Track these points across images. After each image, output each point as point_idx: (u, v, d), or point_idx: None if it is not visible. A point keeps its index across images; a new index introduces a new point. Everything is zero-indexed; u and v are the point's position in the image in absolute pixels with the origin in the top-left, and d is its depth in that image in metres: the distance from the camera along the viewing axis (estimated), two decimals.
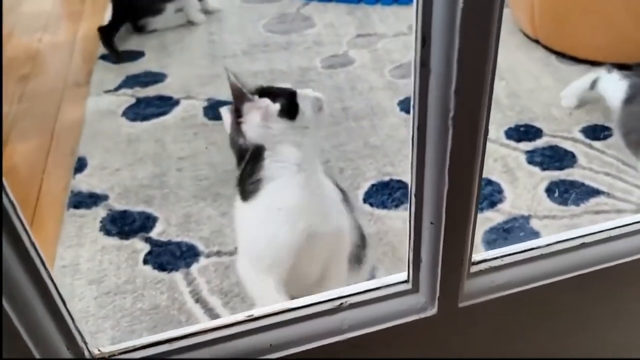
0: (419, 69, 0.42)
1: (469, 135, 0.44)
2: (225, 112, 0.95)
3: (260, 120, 0.85)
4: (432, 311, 0.57)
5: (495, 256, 0.59)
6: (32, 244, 0.44)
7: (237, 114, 0.87)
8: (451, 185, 0.47)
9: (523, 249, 0.60)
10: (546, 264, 0.60)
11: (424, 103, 0.43)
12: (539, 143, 1.48)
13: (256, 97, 0.86)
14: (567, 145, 1.46)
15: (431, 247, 0.53)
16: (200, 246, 1.21)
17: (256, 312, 0.55)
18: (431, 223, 0.51)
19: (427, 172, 0.48)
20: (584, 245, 0.60)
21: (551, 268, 0.59)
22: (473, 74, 0.41)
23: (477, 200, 0.51)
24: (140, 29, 2.01)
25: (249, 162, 0.88)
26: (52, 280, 0.47)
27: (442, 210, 0.49)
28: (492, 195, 1.32)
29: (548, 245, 0.60)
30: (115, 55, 1.88)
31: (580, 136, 1.49)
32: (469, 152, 0.45)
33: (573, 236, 0.61)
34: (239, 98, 0.87)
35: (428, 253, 0.54)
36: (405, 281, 0.58)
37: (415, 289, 0.58)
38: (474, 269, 0.58)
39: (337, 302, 0.56)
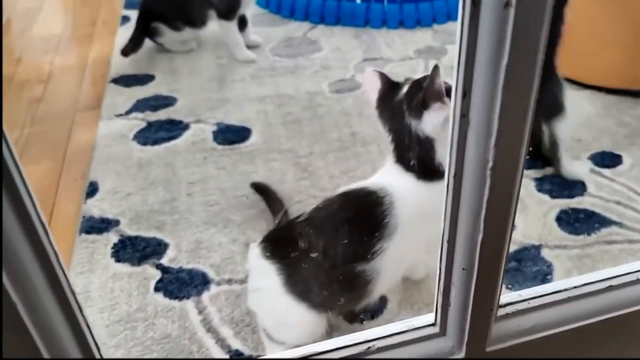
0: (458, 119, 0.42)
1: (506, 186, 0.44)
2: (373, 75, 0.99)
3: (442, 120, 0.90)
4: (460, 355, 0.57)
5: (521, 299, 0.59)
6: (48, 237, 0.43)
7: (423, 104, 0.90)
8: (486, 234, 0.47)
9: (549, 292, 0.60)
10: (573, 307, 0.59)
11: (461, 152, 0.44)
12: (548, 170, 1.48)
13: (448, 101, 0.91)
14: None
15: (461, 293, 0.53)
16: (211, 274, 1.21)
17: (281, 356, 0.55)
18: (463, 269, 0.51)
19: (461, 220, 0.48)
20: (611, 288, 0.60)
21: (578, 311, 0.59)
22: (513, 128, 0.41)
23: (509, 246, 0.51)
24: (151, 33, 2.01)
25: (420, 145, 0.93)
26: (65, 275, 0.46)
27: (475, 257, 0.49)
28: None
29: (575, 287, 0.60)
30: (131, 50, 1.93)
31: (589, 163, 1.49)
32: (506, 201, 0.46)
33: (599, 278, 0.61)
34: (436, 95, 0.90)
35: (458, 298, 0.53)
36: (433, 324, 0.57)
37: (442, 333, 0.57)
38: (500, 312, 0.58)
39: (365, 346, 0.56)
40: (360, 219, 0.94)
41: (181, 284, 1.19)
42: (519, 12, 0.35)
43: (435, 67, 0.89)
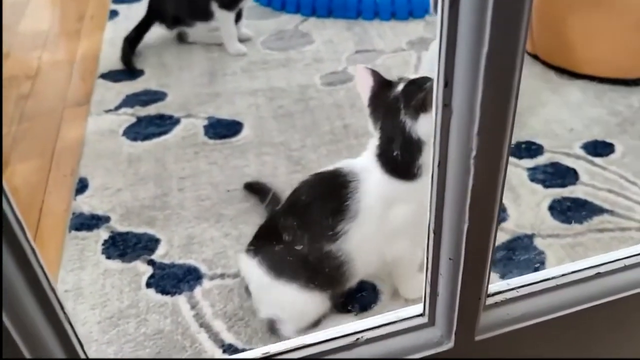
0: (440, 109, 0.42)
1: (490, 174, 0.44)
2: (365, 72, 0.96)
3: None
4: (449, 345, 0.57)
5: (510, 287, 0.59)
6: (26, 238, 0.43)
7: (423, 107, 0.87)
8: (471, 223, 0.47)
9: (538, 280, 0.60)
10: (561, 295, 0.59)
11: (445, 142, 0.43)
12: (541, 160, 1.48)
13: None
14: (569, 162, 1.46)
15: (449, 282, 0.52)
16: (203, 268, 1.20)
17: (272, 349, 0.55)
18: (450, 259, 0.50)
19: (447, 209, 0.47)
20: (598, 275, 0.60)
21: (567, 299, 0.59)
22: (495, 116, 0.41)
23: (495, 235, 0.50)
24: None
25: (408, 145, 0.91)
26: (45, 274, 0.45)
27: (462, 247, 0.48)
28: None
29: (563, 275, 0.60)
30: (131, 70, 1.89)
31: (582, 152, 1.49)
32: (490, 190, 0.45)
33: (587, 266, 0.61)
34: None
35: (445, 288, 0.53)
36: (421, 315, 0.57)
37: (431, 323, 0.57)
38: (489, 301, 0.58)
39: (354, 337, 0.55)
40: (325, 198, 0.97)
41: (173, 280, 1.18)
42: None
43: None
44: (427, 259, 0.52)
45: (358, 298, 1.12)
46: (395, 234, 0.98)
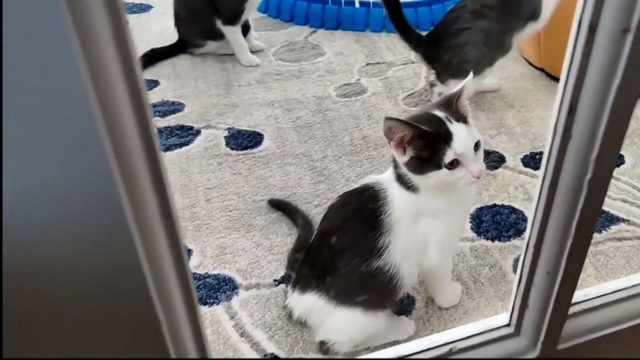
0: (560, 133, 0.45)
1: (599, 195, 0.48)
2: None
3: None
4: (534, 354, 0.60)
5: (587, 298, 0.62)
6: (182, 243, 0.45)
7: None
8: (575, 239, 0.50)
9: (611, 290, 0.64)
10: (635, 304, 0.63)
11: (559, 164, 0.47)
12: None
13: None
14: None
15: (542, 294, 0.56)
16: (238, 278, 1.22)
17: (374, 355, 0.57)
18: (547, 272, 0.53)
19: (551, 226, 0.51)
20: None
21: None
22: (613, 142, 0.44)
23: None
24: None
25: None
26: (191, 282, 0.47)
27: (562, 261, 0.52)
28: (518, 224, 1.36)
29: (634, 286, 0.64)
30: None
31: None
32: (597, 208, 0.49)
33: None
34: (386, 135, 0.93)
35: (537, 299, 0.56)
36: (507, 325, 0.60)
37: (516, 333, 0.60)
38: (570, 311, 0.61)
39: (447, 348, 0.58)
40: (359, 215, 0.99)
41: (210, 290, 1.19)
42: (637, 38, 0.38)
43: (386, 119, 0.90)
44: (522, 271, 0.55)
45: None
46: (425, 245, 1.01)
